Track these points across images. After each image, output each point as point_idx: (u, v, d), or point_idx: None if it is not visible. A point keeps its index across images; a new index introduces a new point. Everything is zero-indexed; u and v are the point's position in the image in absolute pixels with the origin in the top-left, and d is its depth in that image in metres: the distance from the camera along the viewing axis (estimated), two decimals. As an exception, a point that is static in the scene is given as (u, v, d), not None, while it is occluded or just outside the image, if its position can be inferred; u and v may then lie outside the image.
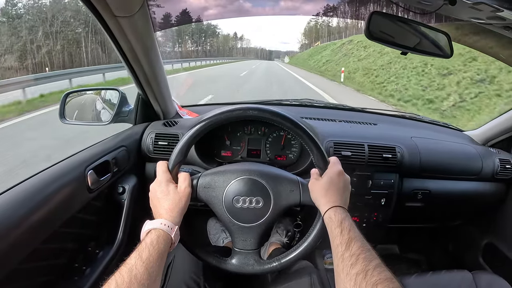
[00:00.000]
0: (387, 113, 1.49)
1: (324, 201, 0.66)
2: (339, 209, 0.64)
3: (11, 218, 0.58)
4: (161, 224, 0.61)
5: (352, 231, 0.59)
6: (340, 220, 0.61)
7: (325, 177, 0.69)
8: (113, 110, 1.06)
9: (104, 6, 0.67)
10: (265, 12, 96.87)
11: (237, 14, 74.23)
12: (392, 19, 0.79)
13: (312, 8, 65.86)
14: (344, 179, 0.70)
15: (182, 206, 0.66)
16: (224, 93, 9.00)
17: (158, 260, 0.56)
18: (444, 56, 0.86)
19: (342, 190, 0.68)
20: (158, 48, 0.89)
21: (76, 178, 0.77)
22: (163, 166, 0.70)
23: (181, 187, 0.68)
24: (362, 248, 0.56)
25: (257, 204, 0.72)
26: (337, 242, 0.59)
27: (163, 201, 0.66)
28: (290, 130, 0.71)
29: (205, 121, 0.71)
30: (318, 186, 0.69)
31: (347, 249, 0.56)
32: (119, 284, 0.49)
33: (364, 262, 0.52)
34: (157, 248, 0.57)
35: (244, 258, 0.73)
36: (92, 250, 0.86)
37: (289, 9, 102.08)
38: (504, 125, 1.22)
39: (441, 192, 1.19)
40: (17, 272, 0.59)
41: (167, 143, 1.05)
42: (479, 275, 0.96)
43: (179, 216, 0.65)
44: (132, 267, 0.52)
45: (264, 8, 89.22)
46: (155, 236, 0.58)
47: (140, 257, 0.54)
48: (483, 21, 0.76)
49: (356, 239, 0.57)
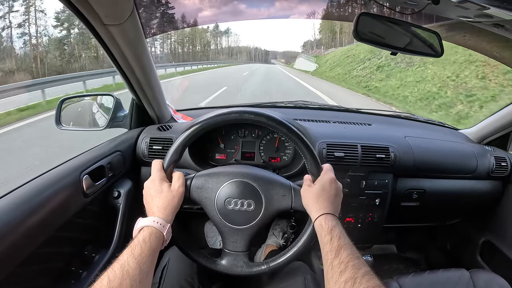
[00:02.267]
0: (382, 113, 1.49)
1: (315, 208, 0.67)
2: (330, 217, 0.65)
3: (7, 223, 0.59)
4: (153, 222, 0.62)
5: (342, 238, 0.60)
6: (330, 228, 0.62)
7: (317, 184, 0.69)
8: (108, 116, 1.07)
9: (93, 15, 0.67)
10: (260, 13, 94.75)
11: (232, 17, 71.42)
12: (381, 19, 0.80)
13: (307, 8, 65.59)
14: (336, 187, 0.70)
15: (175, 205, 0.67)
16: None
17: (150, 256, 0.57)
18: (435, 55, 0.87)
19: (334, 198, 0.68)
20: (150, 54, 0.91)
21: (72, 183, 0.78)
22: (158, 165, 0.71)
23: (175, 186, 0.69)
24: (352, 255, 0.56)
25: (249, 207, 0.72)
26: (326, 249, 0.59)
27: (156, 199, 0.67)
28: (285, 135, 0.72)
29: (201, 123, 0.72)
30: (310, 192, 0.69)
31: (336, 257, 0.56)
32: (111, 279, 0.49)
33: (353, 270, 0.52)
34: (149, 245, 0.58)
35: (233, 260, 0.74)
36: (88, 254, 0.87)
37: (285, 9, 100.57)
38: (499, 123, 1.22)
39: (436, 191, 1.19)
40: (14, 276, 0.60)
41: (161, 147, 1.06)
42: (477, 274, 0.96)
43: (172, 214, 0.66)
44: (124, 263, 0.53)
45: (259, 9, 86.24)
46: (147, 233, 0.59)
47: (132, 253, 0.55)
48: (471, 19, 0.77)
49: (346, 247, 0.58)
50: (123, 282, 0.50)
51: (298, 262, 0.88)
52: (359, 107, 1.48)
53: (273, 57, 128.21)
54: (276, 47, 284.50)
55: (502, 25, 0.75)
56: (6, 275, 0.58)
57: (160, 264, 0.85)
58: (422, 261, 1.66)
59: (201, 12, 76.57)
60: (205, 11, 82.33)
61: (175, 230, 0.67)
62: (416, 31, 0.84)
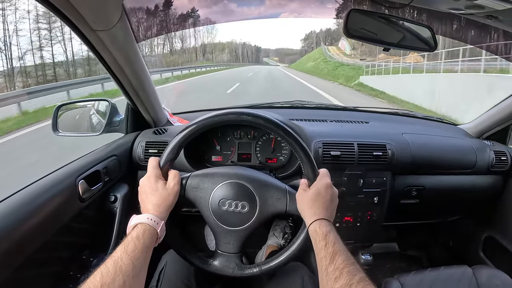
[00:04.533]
0: (380, 110, 1.48)
1: (310, 213, 0.66)
2: (324, 222, 0.64)
3: (3, 228, 0.60)
4: (147, 219, 0.62)
5: (336, 244, 0.59)
6: (325, 233, 0.61)
7: (313, 189, 0.69)
8: (105, 121, 1.08)
9: (81, 20, 0.68)
10: (250, 12, 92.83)
11: (223, 17, 67.63)
12: (371, 15, 0.79)
13: (297, 6, 64.53)
14: (332, 192, 0.70)
15: (170, 203, 0.67)
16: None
17: (143, 253, 0.57)
18: (429, 49, 0.86)
19: (329, 203, 0.68)
20: (143, 58, 0.91)
21: (67, 188, 0.79)
22: (154, 162, 0.72)
23: (170, 184, 0.69)
24: (347, 261, 0.55)
25: (243, 209, 0.72)
26: (321, 255, 0.59)
27: (151, 196, 0.67)
28: (282, 138, 0.73)
29: (199, 122, 0.72)
30: (305, 197, 0.69)
31: (331, 263, 0.56)
32: (104, 275, 0.50)
33: (348, 276, 0.52)
34: (143, 241, 0.58)
35: (225, 261, 0.74)
36: (86, 258, 0.87)
37: (275, 7, 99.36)
38: (497, 117, 1.20)
39: (436, 187, 1.18)
40: (11, 281, 0.61)
41: (157, 151, 1.06)
42: (479, 270, 0.95)
43: (166, 212, 0.66)
44: (117, 259, 0.53)
45: (249, 7, 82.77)
46: (141, 230, 0.59)
47: (126, 250, 0.55)
48: (463, 11, 0.76)
49: (341, 253, 0.57)
50: (116, 278, 0.50)
51: (296, 263, 0.88)
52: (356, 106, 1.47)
53: (265, 55, 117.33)
54: (268, 44, 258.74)
55: (495, 16, 0.74)
56: (3, 280, 0.58)
57: (158, 267, 0.85)
58: (424, 259, 1.64)
59: (192, 12, 72.81)
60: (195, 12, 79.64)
61: (169, 229, 0.67)
62: (409, 26, 0.83)
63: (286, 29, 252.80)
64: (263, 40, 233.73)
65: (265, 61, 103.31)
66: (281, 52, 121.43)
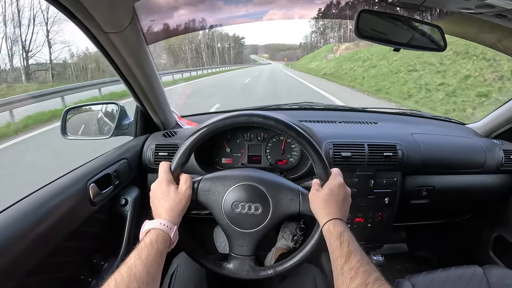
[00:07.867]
0: (388, 111, 1.48)
1: (324, 213, 0.66)
2: (338, 222, 0.64)
3: (14, 233, 0.59)
4: (160, 224, 0.61)
5: (351, 244, 0.59)
6: (339, 233, 0.61)
7: (325, 189, 0.68)
8: (114, 124, 1.08)
9: (93, 23, 0.68)
10: (237, 9, 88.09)
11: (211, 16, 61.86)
12: (382, 16, 0.79)
13: (286, 2, 62.64)
14: (345, 192, 0.69)
15: (182, 207, 0.67)
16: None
17: (157, 259, 0.56)
18: (439, 49, 0.86)
19: (342, 203, 0.68)
20: (153, 61, 0.91)
21: (78, 192, 0.78)
22: (165, 167, 0.71)
23: (182, 188, 0.69)
24: (362, 261, 0.55)
25: (256, 211, 0.72)
26: (336, 255, 0.58)
27: (163, 201, 0.66)
28: (293, 139, 0.72)
29: (210, 125, 0.72)
30: (318, 197, 0.68)
31: (346, 262, 0.56)
32: (118, 283, 0.49)
33: (364, 276, 0.52)
34: (156, 247, 0.57)
35: (240, 264, 0.73)
36: (97, 262, 0.87)
37: (262, 4, 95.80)
38: (505, 115, 1.20)
39: (445, 187, 1.17)
40: (22, 285, 0.60)
41: (167, 154, 1.06)
42: (490, 270, 0.95)
43: (178, 216, 0.66)
44: (131, 266, 0.52)
45: (236, 5, 76.76)
46: (154, 236, 0.59)
47: (139, 256, 0.54)
48: (473, 11, 0.76)
49: (356, 252, 0.57)
50: (130, 285, 0.49)
51: (309, 265, 0.87)
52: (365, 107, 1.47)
53: (253, 52, 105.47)
54: (257, 39, 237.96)
55: (504, 15, 0.73)
56: (15, 284, 0.58)
57: (169, 271, 0.85)
58: (434, 259, 1.63)
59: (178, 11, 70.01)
60: (181, 10, 77.31)
61: (182, 233, 0.67)
62: (418, 26, 0.83)
63: (276, 23, 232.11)
64: (249, 35, 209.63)
65: (253, 59, 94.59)
66: (271, 47, 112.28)
